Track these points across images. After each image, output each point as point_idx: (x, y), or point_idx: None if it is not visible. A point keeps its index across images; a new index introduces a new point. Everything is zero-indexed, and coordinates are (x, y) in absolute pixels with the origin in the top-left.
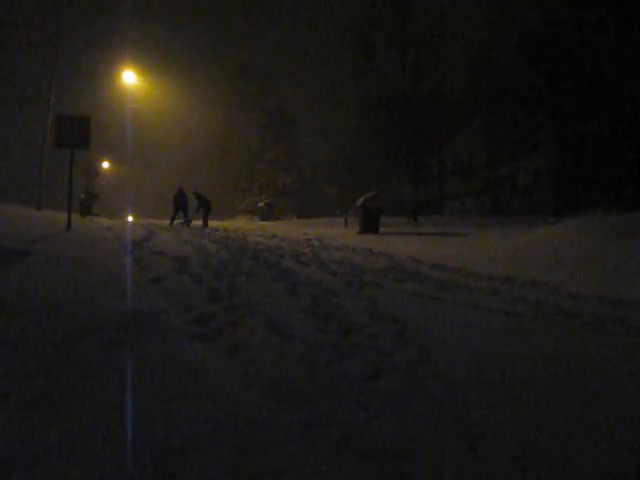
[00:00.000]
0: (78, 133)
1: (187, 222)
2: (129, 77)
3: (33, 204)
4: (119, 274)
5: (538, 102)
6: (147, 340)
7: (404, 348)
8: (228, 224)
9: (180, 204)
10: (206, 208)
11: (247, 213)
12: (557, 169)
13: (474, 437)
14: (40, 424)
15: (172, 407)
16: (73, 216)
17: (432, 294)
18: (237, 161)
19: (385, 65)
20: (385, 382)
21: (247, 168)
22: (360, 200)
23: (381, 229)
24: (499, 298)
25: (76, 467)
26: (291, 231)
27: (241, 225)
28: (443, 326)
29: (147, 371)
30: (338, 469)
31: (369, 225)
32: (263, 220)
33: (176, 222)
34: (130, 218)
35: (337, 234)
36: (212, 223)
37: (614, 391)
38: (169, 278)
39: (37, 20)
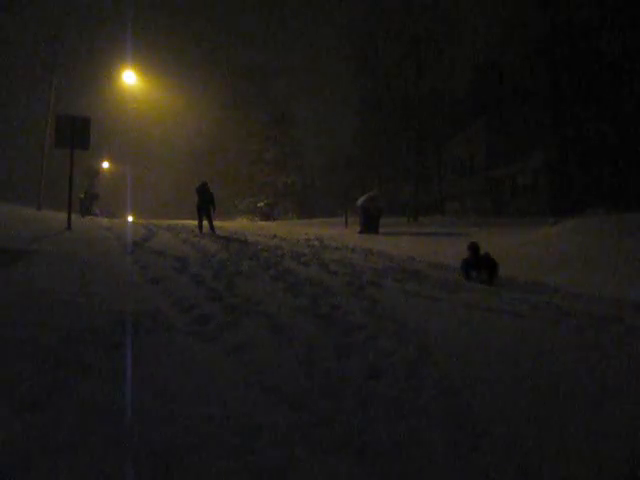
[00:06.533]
0: (78, 133)
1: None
2: (129, 77)
3: (33, 204)
4: (119, 274)
5: (539, 102)
6: (147, 340)
7: (404, 348)
8: (228, 224)
9: (203, 204)
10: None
11: (247, 213)
12: (557, 169)
13: (474, 436)
14: (41, 423)
15: (172, 407)
16: (73, 216)
17: (432, 294)
18: (237, 161)
19: (386, 65)
20: (385, 382)
21: (247, 168)
22: (360, 200)
23: (381, 229)
24: (499, 298)
25: (76, 466)
26: (291, 231)
27: (241, 225)
28: (443, 326)
29: (147, 371)
30: (338, 469)
31: (369, 225)
32: (263, 220)
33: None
34: (130, 218)
35: (337, 234)
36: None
37: (613, 389)
38: (169, 278)
39: (38, 18)
